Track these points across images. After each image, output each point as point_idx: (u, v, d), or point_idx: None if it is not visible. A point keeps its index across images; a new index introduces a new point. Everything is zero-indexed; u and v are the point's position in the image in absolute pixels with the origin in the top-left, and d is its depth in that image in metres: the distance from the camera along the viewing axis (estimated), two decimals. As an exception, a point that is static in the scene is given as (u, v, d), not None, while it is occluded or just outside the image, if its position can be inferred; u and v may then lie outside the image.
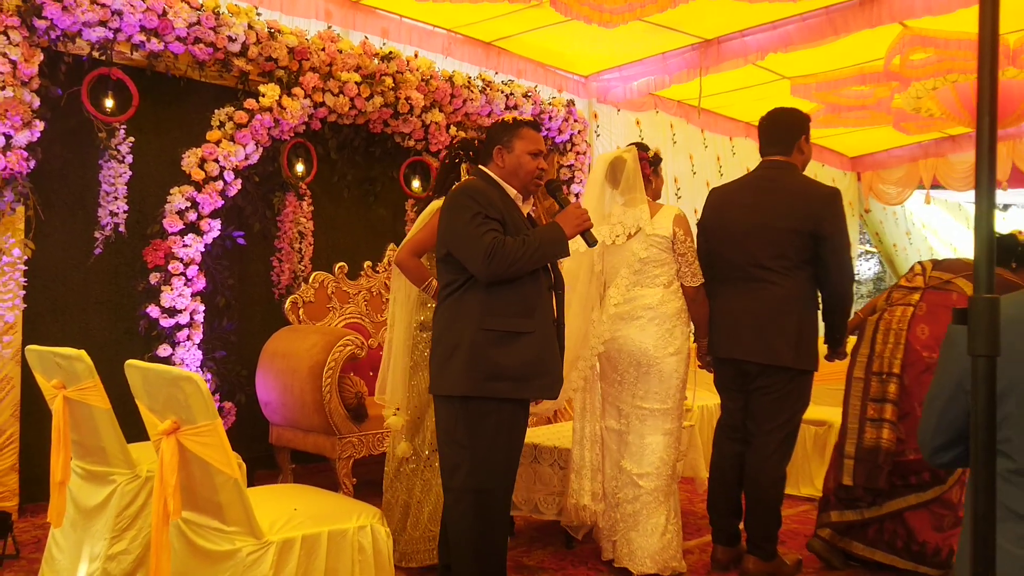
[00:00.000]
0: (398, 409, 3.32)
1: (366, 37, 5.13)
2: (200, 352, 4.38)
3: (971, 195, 9.57)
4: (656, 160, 3.56)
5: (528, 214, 2.76)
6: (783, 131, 3.43)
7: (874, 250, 10.80)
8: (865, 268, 16.77)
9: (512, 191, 2.68)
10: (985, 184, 0.80)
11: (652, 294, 3.36)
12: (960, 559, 1.52)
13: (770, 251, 3.29)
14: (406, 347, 3.37)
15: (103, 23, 3.97)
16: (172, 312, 4.25)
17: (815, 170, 9.05)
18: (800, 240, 3.25)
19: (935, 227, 10.64)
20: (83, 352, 2.74)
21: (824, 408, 4.96)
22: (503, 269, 2.46)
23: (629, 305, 3.38)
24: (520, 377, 2.52)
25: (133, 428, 2.70)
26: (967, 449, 1.54)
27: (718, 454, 3.53)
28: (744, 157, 8.04)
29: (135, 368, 2.32)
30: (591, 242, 2.72)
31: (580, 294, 3.45)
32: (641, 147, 3.53)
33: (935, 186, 8.94)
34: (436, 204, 3.28)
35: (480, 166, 2.74)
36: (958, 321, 0.89)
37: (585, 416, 3.51)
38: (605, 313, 3.44)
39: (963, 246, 10.73)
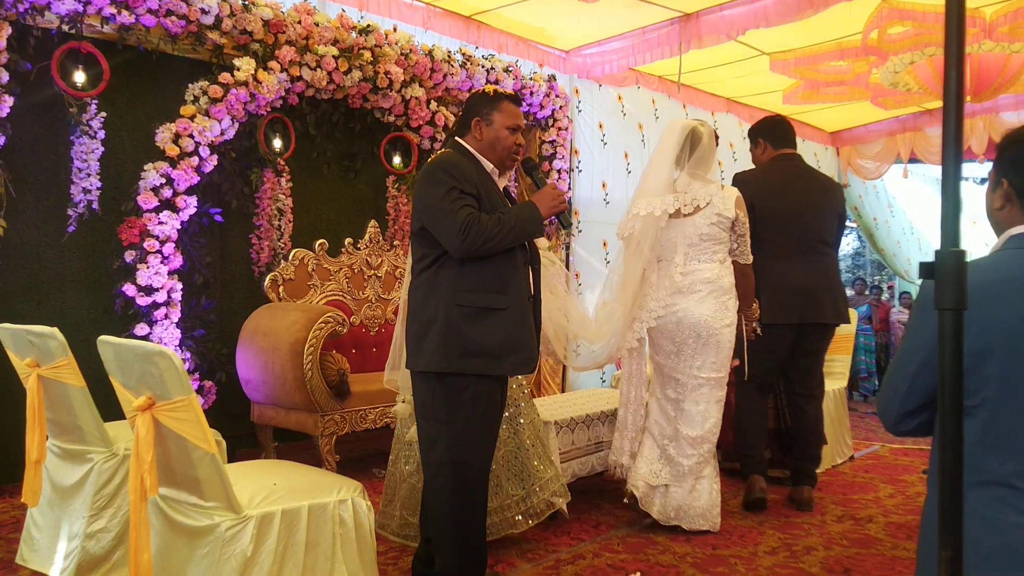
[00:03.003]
0: (405, 400, 3.26)
1: (343, 10, 5.06)
2: (179, 331, 4.34)
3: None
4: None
5: (505, 188, 2.74)
6: (791, 132, 4.16)
7: (853, 224, 10.85)
8: (844, 243, 16.91)
9: (488, 165, 2.65)
10: (952, 143, 0.80)
11: (709, 268, 3.56)
12: (926, 524, 1.53)
13: (825, 228, 3.97)
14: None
15: (72, -5, 3.89)
16: (149, 290, 4.20)
17: (796, 145, 9.07)
18: (837, 219, 4.03)
19: (913, 201, 10.72)
20: (56, 329, 2.70)
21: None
22: (477, 246, 2.44)
23: (687, 279, 3.56)
24: (494, 354, 2.51)
25: (112, 407, 2.67)
26: (933, 414, 1.54)
27: (756, 407, 4.03)
28: (726, 133, 8.03)
29: (108, 344, 2.29)
30: (566, 224, 2.71)
31: (646, 258, 3.57)
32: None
33: (913, 160, 8.99)
34: None
35: (456, 138, 2.69)
36: (924, 275, 0.89)
37: (631, 381, 3.74)
38: (663, 286, 3.58)
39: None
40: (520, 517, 3.24)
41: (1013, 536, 1.37)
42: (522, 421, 3.35)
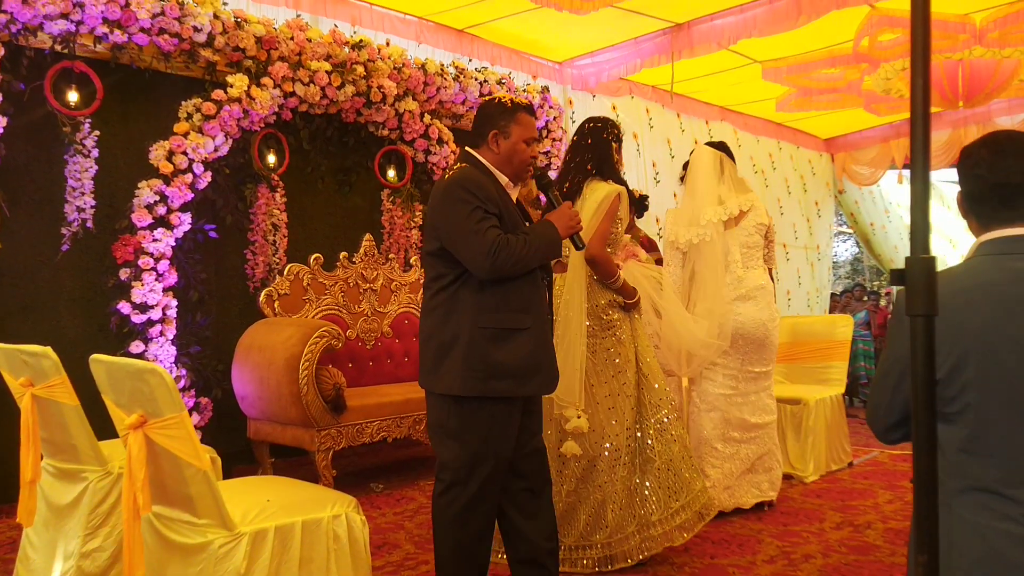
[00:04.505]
0: (580, 412, 3.16)
1: (335, 25, 5.09)
2: (174, 348, 4.34)
3: (944, 174, 9.69)
4: None
5: (518, 200, 2.71)
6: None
7: (849, 231, 10.86)
8: (842, 250, 16.90)
9: (503, 178, 2.60)
10: (920, 149, 0.81)
11: (758, 275, 3.92)
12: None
13: None
14: (582, 344, 3.19)
15: (65, 16, 3.92)
16: (144, 308, 4.20)
17: (791, 152, 9.10)
18: None
19: (909, 206, 10.71)
20: (49, 349, 2.70)
21: (799, 386, 5.01)
22: (507, 268, 2.39)
23: (744, 285, 3.85)
24: (519, 375, 2.46)
25: (108, 425, 2.67)
26: None
27: None
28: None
29: (100, 363, 2.29)
30: (579, 244, 2.67)
31: (723, 262, 3.84)
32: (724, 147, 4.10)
33: (907, 165, 9.00)
34: (605, 188, 3.21)
35: (470, 150, 2.62)
36: (895, 282, 0.89)
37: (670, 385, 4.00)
38: (730, 293, 3.85)
39: (939, 224, 10.83)
40: (677, 531, 3.24)
41: (999, 542, 1.38)
42: (673, 433, 3.32)
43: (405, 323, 5.37)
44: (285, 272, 4.83)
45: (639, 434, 3.27)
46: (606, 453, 3.19)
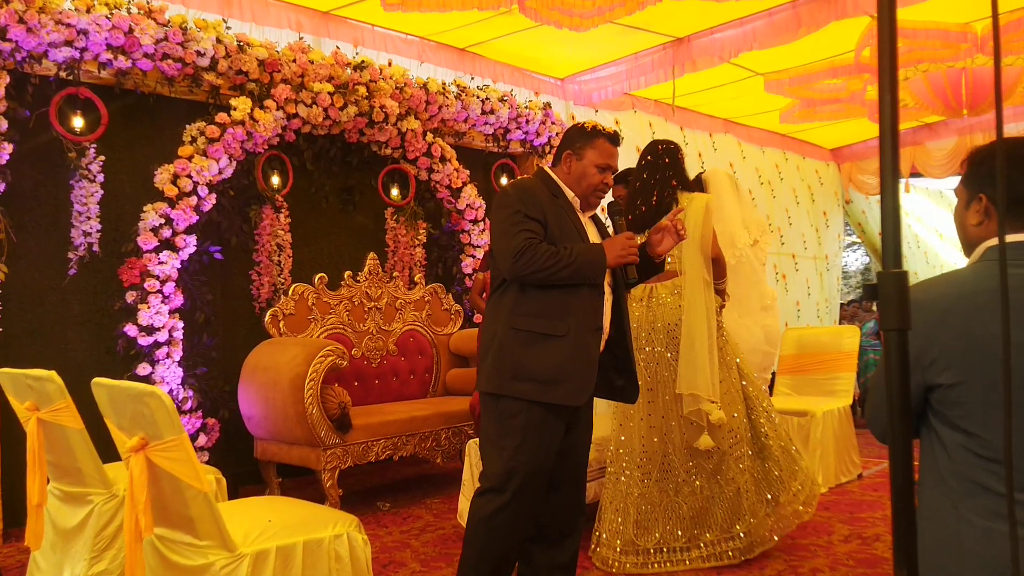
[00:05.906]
0: (714, 402, 3.32)
1: (338, 47, 5.13)
2: (181, 369, 4.36)
3: (951, 182, 9.65)
4: None
5: (595, 217, 2.80)
6: None
7: (858, 240, 10.81)
8: (852, 259, 16.82)
9: (570, 194, 2.67)
10: (889, 160, 0.81)
11: (772, 292, 4.21)
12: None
13: None
14: (711, 336, 3.35)
15: (69, 43, 3.97)
16: (150, 330, 4.23)
17: (798, 162, 9.09)
18: None
19: (918, 214, 10.69)
20: (53, 373, 2.72)
21: (806, 398, 4.97)
22: (527, 273, 2.45)
23: (766, 299, 4.15)
24: (544, 380, 2.49)
25: (114, 448, 2.68)
26: (918, 420, 1.55)
27: None
28: (725, 152, 8.07)
29: (101, 386, 2.31)
30: (627, 278, 2.63)
31: (759, 281, 4.15)
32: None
33: (914, 174, 8.98)
34: (703, 196, 3.50)
35: (546, 167, 2.73)
36: (868, 297, 0.89)
37: None
38: (759, 308, 4.14)
39: (948, 231, 10.79)
40: (768, 532, 3.41)
41: (1007, 545, 1.37)
42: (777, 420, 3.50)
43: (410, 341, 5.38)
44: (290, 292, 4.86)
45: (752, 423, 3.48)
46: (731, 445, 3.38)
